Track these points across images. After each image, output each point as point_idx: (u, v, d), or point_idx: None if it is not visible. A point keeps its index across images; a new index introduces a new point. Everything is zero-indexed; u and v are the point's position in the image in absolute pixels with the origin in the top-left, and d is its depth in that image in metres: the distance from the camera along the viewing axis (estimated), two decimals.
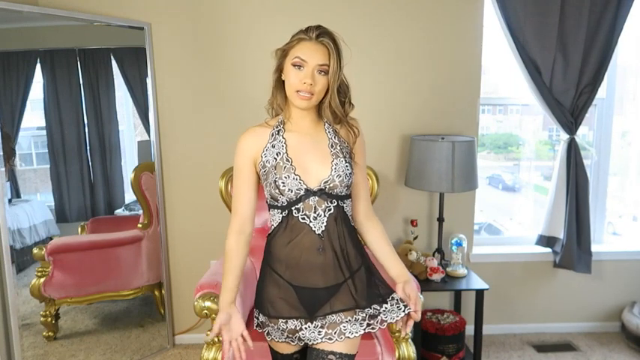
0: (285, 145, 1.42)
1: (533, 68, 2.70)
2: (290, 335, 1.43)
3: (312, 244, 1.39)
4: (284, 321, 1.42)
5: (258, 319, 1.48)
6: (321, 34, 1.36)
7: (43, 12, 2.37)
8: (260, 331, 1.49)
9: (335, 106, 1.40)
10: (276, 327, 1.43)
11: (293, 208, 1.39)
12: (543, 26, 2.66)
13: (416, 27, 2.72)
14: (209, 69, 2.69)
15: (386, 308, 1.42)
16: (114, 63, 2.68)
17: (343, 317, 1.40)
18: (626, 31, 2.70)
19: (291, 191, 1.37)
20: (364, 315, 1.41)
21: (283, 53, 1.39)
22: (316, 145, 1.43)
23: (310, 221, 1.39)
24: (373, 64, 2.71)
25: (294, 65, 1.35)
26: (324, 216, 1.39)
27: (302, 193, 1.37)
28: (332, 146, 1.43)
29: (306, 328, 1.41)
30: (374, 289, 1.43)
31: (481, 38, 2.76)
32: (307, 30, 1.37)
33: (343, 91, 1.42)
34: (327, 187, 1.38)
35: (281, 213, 1.41)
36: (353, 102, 1.46)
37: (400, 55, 2.73)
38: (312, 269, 1.40)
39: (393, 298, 1.43)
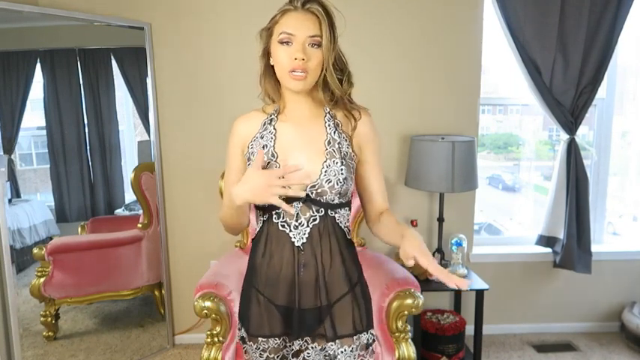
0: (274, 138, 1.23)
1: (533, 68, 2.70)
2: (271, 355, 1.29)
3: (292, 257, 1.22)
4: (264, 340, 1.28)
5: (240, 331, 1.34)
6: (307, 1, 1.17)
7: (43, 12, 2.37)
8: (242, 345, 1.34)
9: (332, 83, 1.19)
10: (254, 347, 1.29)
11: (273, 213, 1.22)
12: (543, 26, 2.66)
13: (416, 27, 2.72)
14: (209, 69, 2.69)
15: (345, 350, 1.25)
16: (114, 63, 2.69)
17: (318, 347, 1.27)
18: (626, 31, 2.70)
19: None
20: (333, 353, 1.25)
21: (268, 32, 1.22)
22: (310, 140, 1.22)
23: (290, 230, 1.21)
24: (373, 63, 2.71)
25: (282, 42, 1.16)
26: (307, 226, 1.20)
27: (283, 196, 1.15)
28: (329, 143, 1.21)
29: (290, 346, 1.29)
30: (355, 320, 1.25)
31: (481, 38, 2.76)
32: (291, 0, 1.18)
33: (340, 66, 1.21)
34: (314, 192, 1.18)
35: (262, 216, 1.26)
36: (353, 82, 1.26)
37: (400, 54, 2.73)
38: (292, 287, 1.23)
39: (360, 340, 1.26)
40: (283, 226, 1.22)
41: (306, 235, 1.20)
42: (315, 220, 1.20)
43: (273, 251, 1.24)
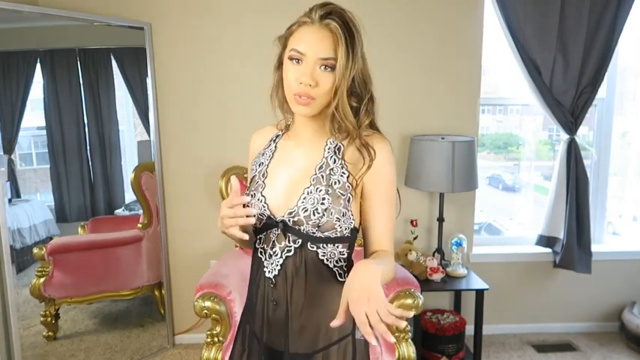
0: (271, 157, 1.15)
1: (533, 68, 2.70)
2: None
3: (264, 290, 1.10)
4: None
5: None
6: (326, 14, 1.01)
7: (43, 12, 2.37)
8: None
9: (342, 114, 1.03)
10: None
11: (258, 236, 1.12)
12: (543, 26, 2.66)
13: (416, 27, 2.72)
14: (209, 69, 2.69)
15: None
16: (114, 63, 2.68)
17: None
18: (626, 31, 2.70)
19: (255, 215, 1.05)
20: None
21: (284, 42, 1.08)
22: (304, 162, 1.10)
23: (265, 258, 1.10)
24: (373, 63, 2.68)
25: (291, 59, 1.03)
26: (280, 257, 1.07)
27: (264, 219, 1.07)
28: (320, 168, 1.07)
29: None
30: None
31: (481, 38, 2.76)
32: (312, 9, 1.03)
33: (358, 93, 1.07)
34: (291, 220, 1.05)
35: (255, 237, 1.14)
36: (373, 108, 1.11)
37: (400, 55, 2.73)
38: (270, 325, 1.11)
39: None
40: (261, 252, 1.11)
41: (278, 267, 1.07)
42: (289, 251, 1.06)
43: (257, 279, 1.13)
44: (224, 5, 2.65)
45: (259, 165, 1.15)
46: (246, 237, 1.00)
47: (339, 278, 1.08)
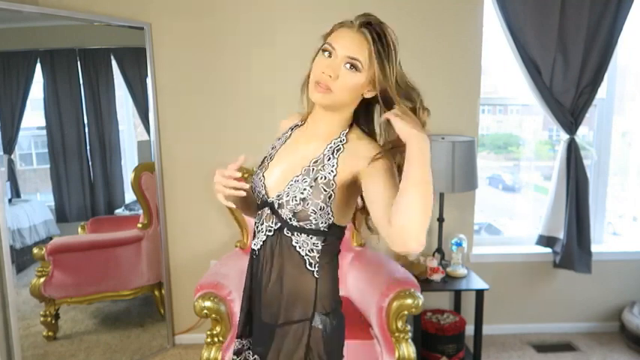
0: (283, 142, 1.24)
1: (533, 68, 2.70)
2: (235, 357, 1.27)
3: (251, 260, 1.22)
4: (237, 340, 1.27)
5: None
6: (365, 23, 1.11)
7: (43, 12, 2.37)
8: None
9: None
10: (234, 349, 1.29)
11: (259, 211, 1.22)
12: (543, 26, 2.66)
13: (416, 27, 2.72)
14: (209, 69, 2.69)
15: None
16: (114, 63, 2.69)
17: None
18: (626, 31, 2.70)
19: (254, 192, 1.21)
20: None
21: (325, 38, 1.15)
22: (304, 153, 1.17)
23: (256, 232, 1.21)
24: None
25: (323, 50, 1.11)
26: (264, 234, 1.17)
27: (261, 197, 1.18)
28: (315, 162, 1.14)
29: (249, 356, 1.25)
30: None
31: (481, 38, 2.76)
32: (357, 17, 1.14)
33: (409, 97, 1.16)
34: (277, 203, 1.14)
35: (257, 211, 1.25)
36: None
37: (400, 55, 2.72)
38: (252, 292, 1.23)
39: None
40: (256, 225, 1.21)
41: (261, 243, 1.18)
42: (270, 231, 1.16)
43: (251, 251, 1.24)
44: (224, 5, 2.65)
45: (272, 148, 1.25)
46: (230, 205, 1.17)
47: (308, 267, 1.14)
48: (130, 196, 2.76)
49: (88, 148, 2.65)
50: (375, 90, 1.13)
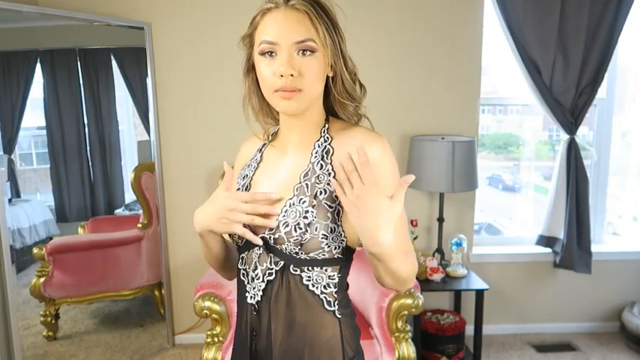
0: (255, 167, 1.01)
1: (533, 68, 2.70)
2: None
3: (247, 318, 0.96)
4: None
5: None
6: None
7: (43, 12, 2.37)
8: None
9: (346, 95, 0.95)
10: None
11: (241, 255, 0.98)
12: (543, 26, 2.66)
13: (416, 27, 2.72)
14: (209, 69, 2.69)
15: None
16: (114, 63, 2.69)
17: None
18: (626, 31, 2.70)
19: (230, 235, 0.97)
20: None
21: (250, 41, 0.94)
22: (287, 171, 0.96)
23: (247, 282, 0.96)
24: (373, 63, 2.71)
25: (263, 54, 0.89)
26: (262, 281, 0.92)
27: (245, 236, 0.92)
28: (305, 175, 0.92)
29: None
30: None
31: (481, 38, 2.76)
32: None
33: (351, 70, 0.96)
34: (272, 237, 0.90)
35: (239, 255, 1.00)
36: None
37: (400, 55, 2.73)
38: (246, 356, 0.97)
39: None
40: (243, 274, 0.96)
41: (260, 293, 0.93)
42: (270, 274, 0.91)
43: (240, 305, 0.99)
44: (224, 5, 2.65)
45: (243, 178, 1.02)
46: (256, 239, 0.89)
47: (326, 307, 0.93)
48: (129, 196, 2.76)
49: (88, 148, 2.65)
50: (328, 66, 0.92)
